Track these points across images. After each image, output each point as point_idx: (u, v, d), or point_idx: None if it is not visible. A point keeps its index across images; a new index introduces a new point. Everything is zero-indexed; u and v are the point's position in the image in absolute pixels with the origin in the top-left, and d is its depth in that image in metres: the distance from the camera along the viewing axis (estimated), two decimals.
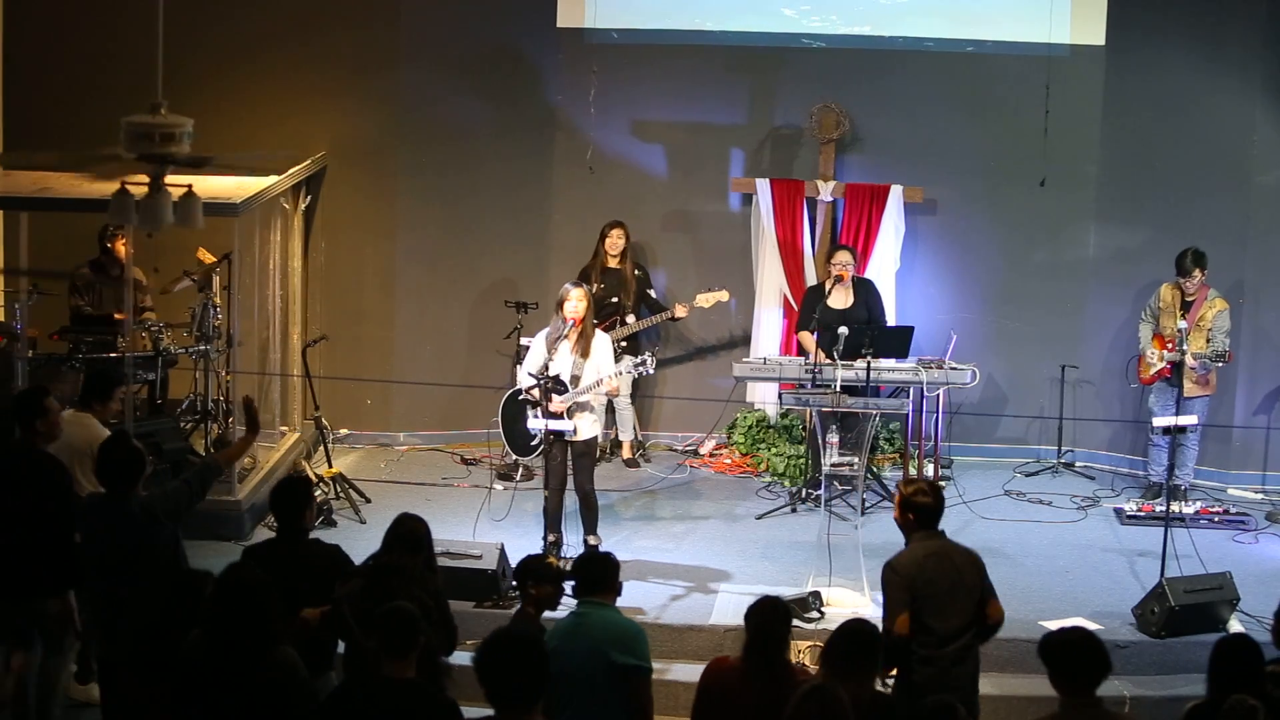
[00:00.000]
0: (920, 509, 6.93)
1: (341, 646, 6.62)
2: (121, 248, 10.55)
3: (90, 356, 10.25)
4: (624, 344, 11.17)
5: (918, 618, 6.61)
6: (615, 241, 11.41)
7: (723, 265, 11.86)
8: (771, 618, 5.95)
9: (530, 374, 9.24)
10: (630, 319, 11.38)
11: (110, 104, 8.25)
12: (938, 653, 6.58)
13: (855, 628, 5.83)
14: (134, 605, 6.43)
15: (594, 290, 10.95)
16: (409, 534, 6.78)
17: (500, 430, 10.20)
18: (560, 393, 9.10)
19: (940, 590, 6.67)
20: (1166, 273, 10.84)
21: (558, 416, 9.06)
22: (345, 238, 11.98)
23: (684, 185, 12.12)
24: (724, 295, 11.46)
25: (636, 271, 11.55)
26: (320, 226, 11.92)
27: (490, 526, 9.88)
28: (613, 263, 11.43)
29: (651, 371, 9.53)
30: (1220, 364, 10.54)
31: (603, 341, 9.36)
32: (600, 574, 6.31)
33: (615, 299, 11.36)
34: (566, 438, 9.15)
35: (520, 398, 9.37)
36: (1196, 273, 10.60)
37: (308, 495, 6.93)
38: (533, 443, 9.42)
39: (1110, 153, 11.72)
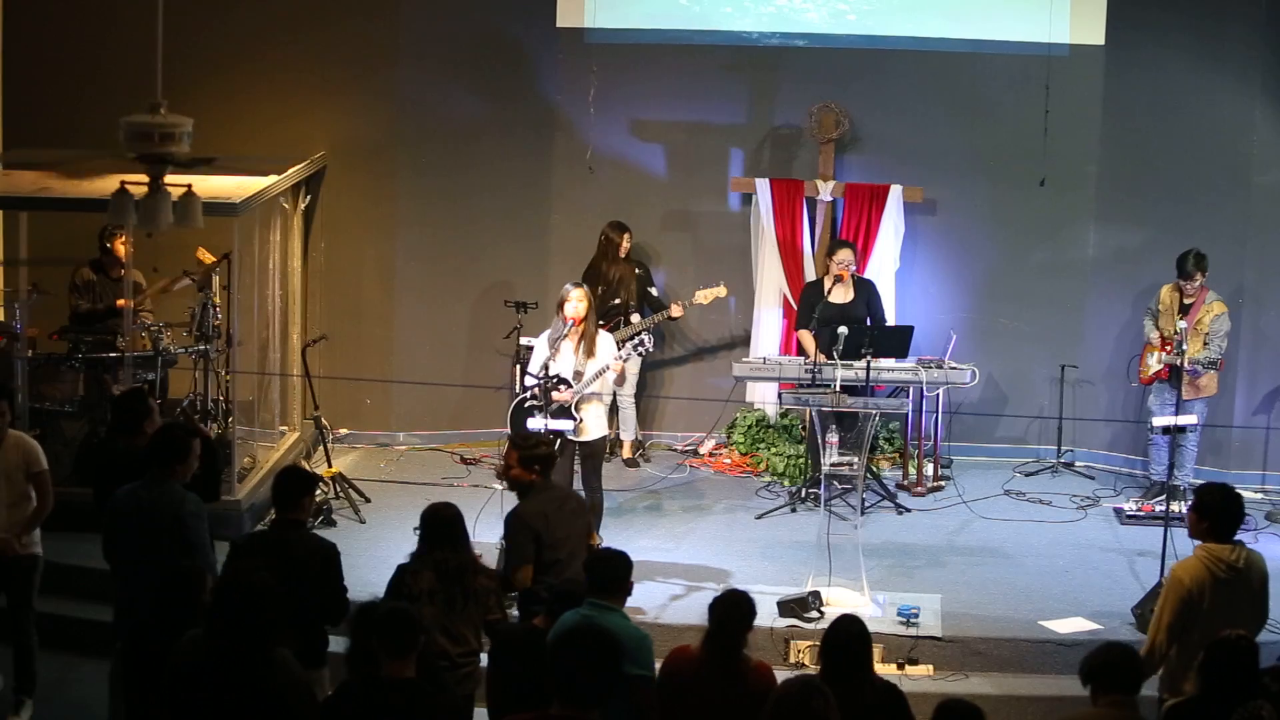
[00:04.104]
0: (544, 459, 7.36)
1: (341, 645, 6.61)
2: (121, 246, 10.54)
3: (90, 356, 10.24)
4: (622, 343, 11.14)
5: (544, 565, 6.97)
6: (627, 245, 11.41)
7: (722, 265, 11.86)
8: (732, 611, 5.98)
9: (531, 374, 9.25)
10: (635, 318, 11.37)
11: (110, 104, 8.28)
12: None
13: (843, 625, 5.86)
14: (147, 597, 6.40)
15: (600, 289, 10.98)
16: (449, 524, 6.84)
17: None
18: (565, 388, 9.11)
19: (559, 539, 7.07)
20: (1167, 273, 10.84)
21: (560, 416, 9.08)
22: (345, 237, 11.98)
23: (684, 185, 12.11)
24: (722, 291, 11.45)
25: (638, 270, 11.55)
26: (320, 226, 11.92)
27: (486, 525, 9.88)
28: (619, 264, 11.43)
29: (651, 348, 9.56)
30: (1213, 370, 10.55)
31: (606, 340, 9.37)
32: (612, 575, 6.26)
33: (618, 299, 11.35)
34: (569, 437, 9.16)
35: (527, 404, 9.35)
36: (1197, 275, 10.60)
37: (301, 485, 6.93)
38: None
39: (1110, 153, 11.72)
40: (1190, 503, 6.89)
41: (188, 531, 6.83)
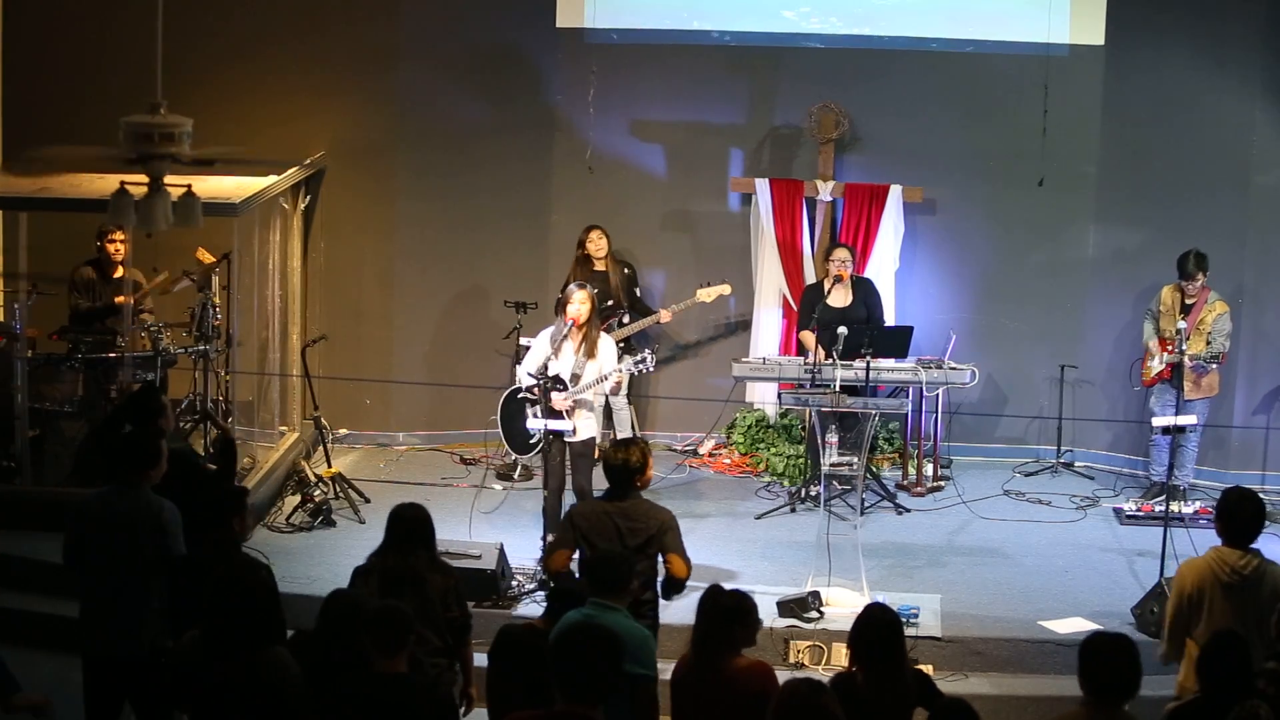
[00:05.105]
0: (609, 467, 7.20)
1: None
2: (111, 247, 10.53)
3: (90, 356, 10.24)
4: (621, 345, 11.16)
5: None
6: (597, 244, 11.37)
7: (722, 265, 11.85)
8: (707, 605, 5.99)
9: (530, 374, 9.25)
10: (626, 319, 11.38)
11: (110, 104, 8.27)
12: None
13: (873, 614, 5.83)
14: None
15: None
16: (407, 526, 6.80)
17: (499, 428, 10.22)
18: (560, 390, 9.12)
19: (599, 543, 6.94)
20: (1166, 273, 10.84)
21: (558, 416, 9.08)
22: (344, 237, 11.99)
23: (683, 185, 12.11)
24: (726, 289, 11.45)
25: (625, 270, 11.54)
26: (319, 226, 11.93)
27: (488, 525, 9.89)
28: (599, 265, 11.41)
29: (652, 369, 9.55)
30: (1215, 365, 10.55)
31: (607, 343, 9.37)
32: (613, 575, 6.27)
33: (610, 301, 11.35)
34: (566, 438, 9.16)
35: (520, 396, 9.38)
36: (1199, 276, 10.60)
37: (227, 506, 6.78)
38: (531, 440, 9.42)
39: (1109, 153, 11.72)
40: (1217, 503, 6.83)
41: (168, 539, 6.77)
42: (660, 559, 7.21)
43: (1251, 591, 6.49)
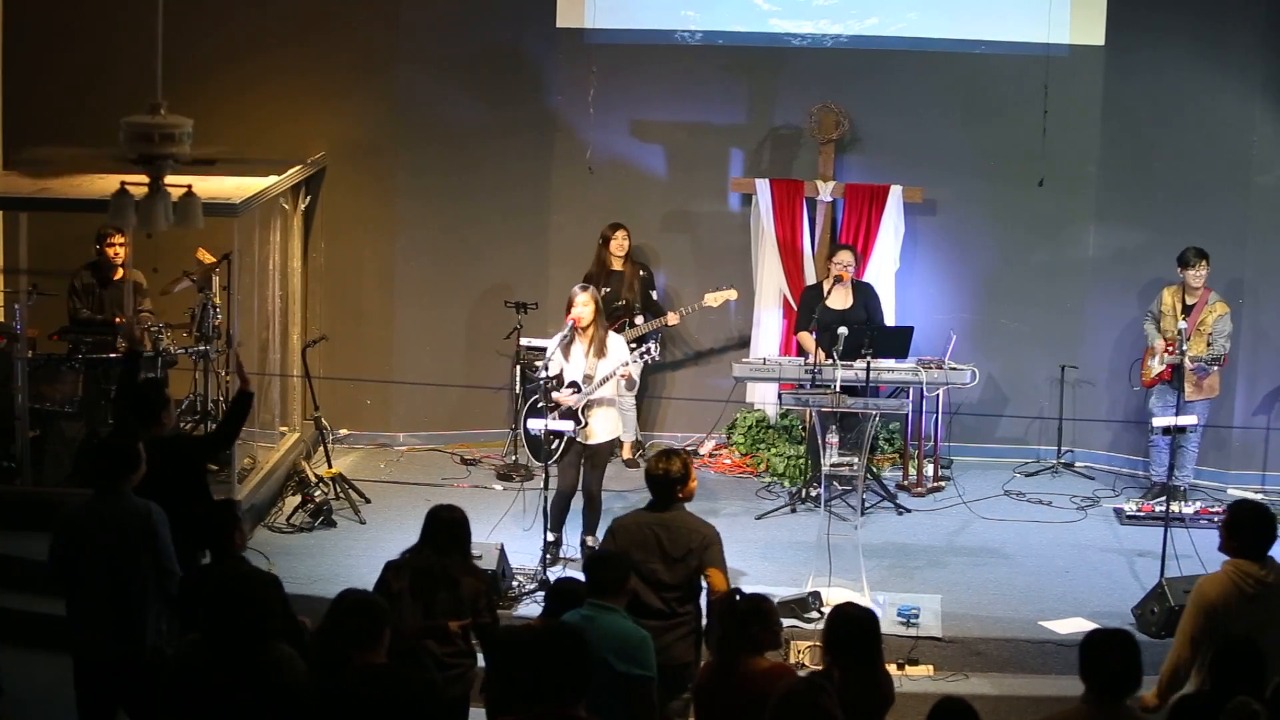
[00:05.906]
0: (650, 478, 7.14)
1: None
2: (110, 250, 10.52)
3: (90, 357, 10.24)
4: (633, 345, 11.16)
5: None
6: (621, 243, 11.42)
7: (722, 265, 11.86)
8: (719, 607, 6.00)
9: (541, 378, 9.28)
10: (639, 320, 11.37)
11: (110, 104, 8.28)
12: (648, 623, 6.60)
13: (847, 612, 5.82)
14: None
15: (604, 291, 10.97)
16: (444, 528, 6.80)
17: (524, 439, 10.14)
18: (575, 392, 9.13)
19: (638, 555, 6.88)
20: (1167, 273, 10.85)
21: (567, 416, 9.09)
22: (345, 238, 11.99)
23: (683, 185, 12.11)
24: (733, 294, 11.45)
25: (641, 272, 11.55)
26: (320, 227, 11.93)
27: (487, 525, 9.89)
28: (617, 264, 11.44)
29: (657, 356, 9.55)
30: (1216, 367, 10.55)
31: (617, 341, 9.37)
32: (611, 576, 6.26)
33: (623, 301, 11.36)
34: (571, 437, 9.16)
35: (540, 405, 9.37)
36: (1201, 264, 10.58)
37: (221, 524, 6.77)
38: (553, 446, 9.34)
39: (1109, 153, 11.72)
40: (1222, 519, 6.75)
41: (159, 541, 6.77)
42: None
43: (1274, 600, 6.41)
